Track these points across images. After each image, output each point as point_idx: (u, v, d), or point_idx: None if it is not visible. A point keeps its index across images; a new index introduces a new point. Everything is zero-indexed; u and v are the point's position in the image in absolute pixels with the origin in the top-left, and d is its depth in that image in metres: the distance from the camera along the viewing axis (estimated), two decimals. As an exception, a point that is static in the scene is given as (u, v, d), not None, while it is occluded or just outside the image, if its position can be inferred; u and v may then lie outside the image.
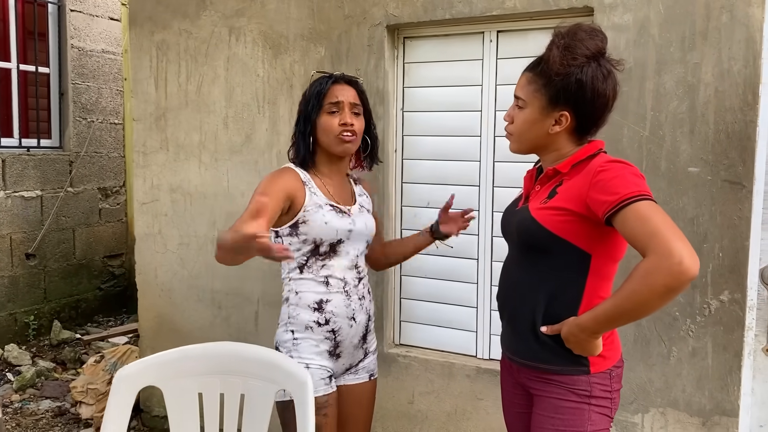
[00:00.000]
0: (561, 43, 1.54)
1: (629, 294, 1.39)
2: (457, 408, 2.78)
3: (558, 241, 1.56)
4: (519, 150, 1.71)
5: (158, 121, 3.39)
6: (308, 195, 1.87)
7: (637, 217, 1.38)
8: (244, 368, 1.71)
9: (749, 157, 2.20)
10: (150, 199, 3.46)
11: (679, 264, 1.30)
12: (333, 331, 1.89)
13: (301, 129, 1.93)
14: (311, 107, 1.91)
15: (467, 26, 2.69)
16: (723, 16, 2.21)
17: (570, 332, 1.54)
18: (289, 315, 1.89)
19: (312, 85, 1.96)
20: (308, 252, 1.88)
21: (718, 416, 2.33)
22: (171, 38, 3.31)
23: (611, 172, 1.47)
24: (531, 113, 1.61)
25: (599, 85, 1.54)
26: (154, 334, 3.54)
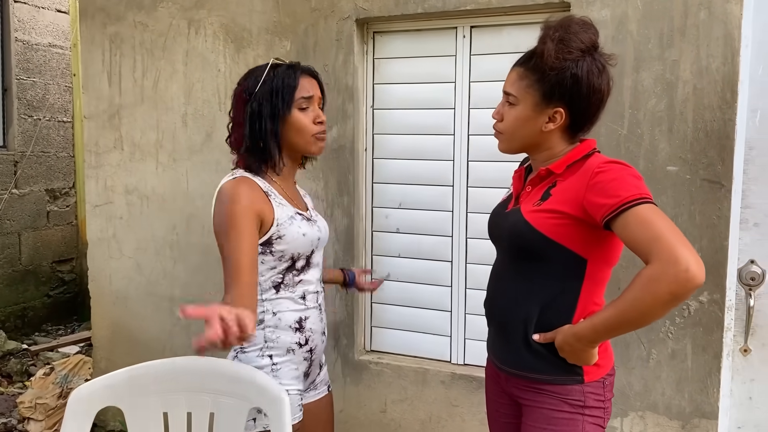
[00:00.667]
0: (555, 36, 1.46)
1: (632, 302, 1.32)
2: (431, 416, 2.69)
3: (553, 245, 1.48)
4: (509, 149, 1.62)
5: (112, 119, 3.20)
6: (276, 207, 1.66)
7: (638, 222, 1.31)
8: (214, 385, 1.58)
9: (728, 155, 2.17)
10: (103, 201, 3.26)
11: (686, 271, 1.24)
12: (311, 350, 1.74)
13: (266, 127, 1.64)
14: (281, 102, 1.65)
15: (440, 21, 2.60)
16: (701, 13, 2.18)
17: (565, 341, 1.47)
18: (266, 338, 1.67)
19: (274, 76, 1.68)
20: (284, 269, 1.69)
21: (698, 419, 2.30)
22: (125, 31, 3.13)
23: (610, 173, 1.40)
24: (523, 110, 1.52)
25: (594, 80, 1.47)
26: (108, 344, 3.34)
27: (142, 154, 3.15)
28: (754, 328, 2.27)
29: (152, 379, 1.60)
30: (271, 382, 1.51)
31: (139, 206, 3.19)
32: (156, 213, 3.15)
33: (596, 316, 1.41)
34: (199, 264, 3.08)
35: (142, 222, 3.19)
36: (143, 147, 3.15)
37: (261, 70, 1.69)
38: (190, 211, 3.08)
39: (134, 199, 3.20)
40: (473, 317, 2.67)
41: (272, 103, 1.65)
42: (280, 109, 1.66)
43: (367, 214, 2.81)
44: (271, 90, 1.65)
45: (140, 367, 1.60)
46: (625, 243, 1.37)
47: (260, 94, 1.65)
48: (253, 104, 1.66)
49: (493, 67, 2.55)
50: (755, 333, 2.28)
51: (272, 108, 1.65)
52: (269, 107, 1.65)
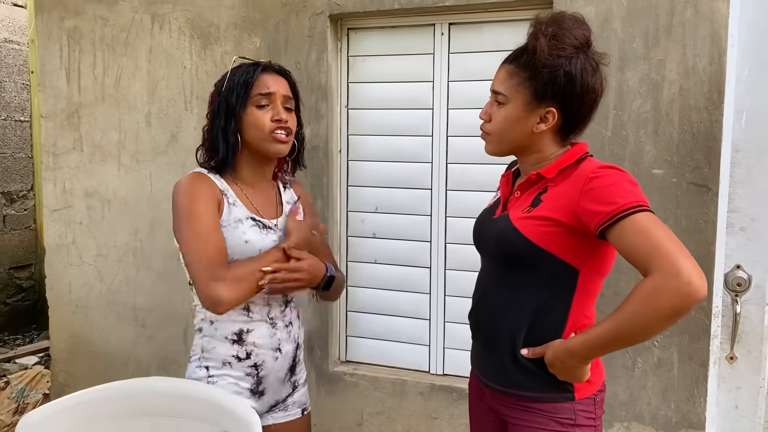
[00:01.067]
0: (548, 32, 1.36)
1: (630, 316, 1.22)
2: (410, 428, 2.58)
3: (543, 254, 1.38)
4: (497, 151, 1.52)
5: (70, 118, 3.03)
6: (226, 208, 1.57)
7: (636, 230, 1.22)
8: (178, 408, 1.45)
9: (715, 158, 2.11)
10: (62, 205, 3.08)
11: (689, 284, 1.15)
12: (255, 365, 1.60)
13: (220, 124, 1.58)
14: (235, 98, 1.58)
15: (417, 17, 2.50)
16: (687, 11, 2.11)
17: (556, 357, 1.37)
18: (202, 348, 1.59)
19: (234, 73, 1.62)
20: None
21: (684, 429, 2.23)
22: (85, 25, 2.96)
23: (605, 179, 1.31)
24: (513, 110, 1.42)
25: (588, 78, 1.38)
26: (68, 355, 3.16)
27: (103, 156, 2.99)
28: (740, 335, 2.21)
29: (109, 402, 1.46)
30: (239, 404, 1.38)
31: (99, 210, 3.02)
32: (118, 217, 2.99)
33: (591, 330, 1.32)
34: (164, 271, 2.93)
35: (103, 227, 3.02)
36: (104, 148, 2.98)
37: (232, 71, 1.64)
38: (154, 216, 2.92)
39: (95, 202, 3.03)
40: (453, 325, 2.57)
41: (228, 101, 1.59)
42: (234, 106, 1.59)
43: (342, 218, 2.69)
44: (230, 87, 1.60)
45: (97, 390, 1.46)
46: (622, 253, 1.28)
47: (224, 92, 1.60)
48: (217, 102, 1.62)
49: (473, 65, 2.46)
50: (741, 340, 2.22)
51: (227, 105, 1.59)
52: (225, 105, 1.59)
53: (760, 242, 2.13)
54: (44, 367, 3.86)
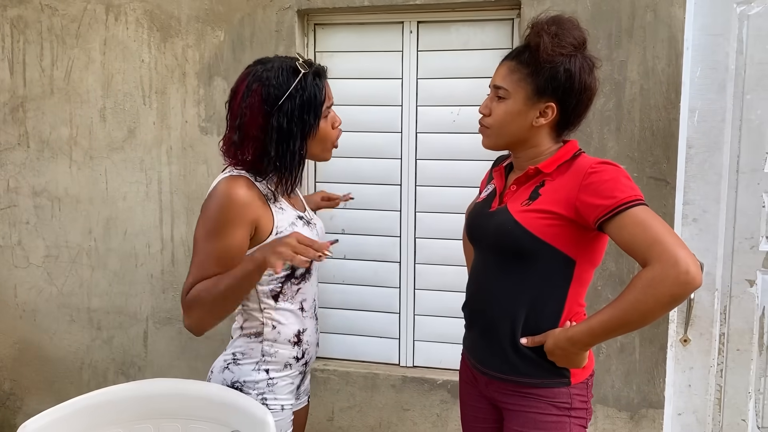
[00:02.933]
0: (551, 30, 1.44)
1: (632, 304, 1.31)
2: (381, 421, 2.62)
3: (543, 245, 1.45)
4: (495, 145, 1.57)
5: (15, 112, 2.86)
6: (276, 213, 1.51)
7: (636, 223, 1.31)
8: (184, 409, 1.42)
9: (673, 154, 2.25)
10: (6, 204, 2.92)
11: (686, 273, 1.25)
12: (306, 363, 1.64)
13: (296, 147, 1.45)
14: (314, 117, 1.46)
15: (386, 15, 2.52)
16: (647, 15, 2.24)
17: (557, 345, 1.44)
18: (264, 352, 1.56)
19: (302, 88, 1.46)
20: (282, 277, 1.55)
21: (645, 408, 2.37)
22: (30, 15, 2.80)
23: (604, 174, 1.39)
24: (514, 104, 1.48)
25: (586, 77, 1.47)
26: (14, 363, 3.00)
27: (52, 152, 2.84)
28: (693, 319, 2.37)
29: (112, 406, 1.41)
30: (254, 404, 1.37)
31: (48, 209, 2.88)
32: (69, 216, 2.86)
33: (593, 318, 1.39)
34: (121, 271, 2.83)
35: (53, 226, 2.88)
36: (53, 144, 2.84)
37: (284, 77, 1.46)
38: (109, 214, 2.81)
39: (43, 201, 2.88)
40: (422, 318, 2.62)
41: (304, 120, 1.46)
42: (312, 126, 1.48)
43: (310, 214, 2.68)
44: (302, 104, 1.45)
45: (99, 394, 1.41)
46: (620, 245, 1.36)
47: (288, 107, 1.44)
48: (280, 119, 1.44)
49: (441, 64, 2.51)
50: (694, 324, 2.38)
51: (304, 125, 1.46)
52: (301, 124, 1.46)
53: (711, 232, 2.30)
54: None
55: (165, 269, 2.78)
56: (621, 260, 2.32)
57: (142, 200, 2.77)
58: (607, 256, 2.32)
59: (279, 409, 1.56)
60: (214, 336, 2.73)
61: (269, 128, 1.44)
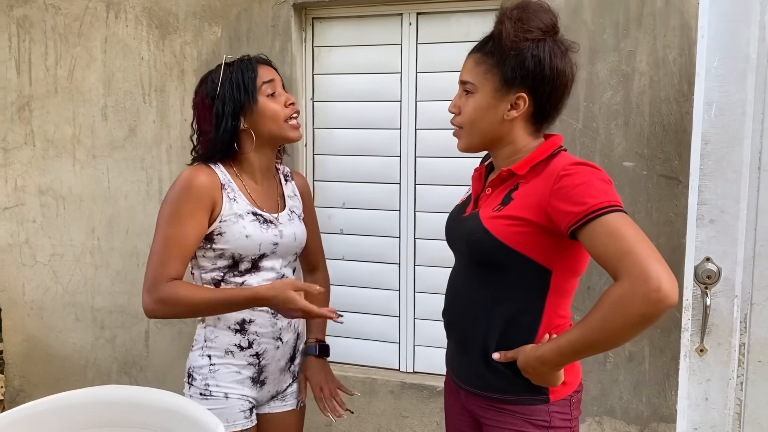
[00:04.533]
0: (513, 15, 1.32)
1: (599, 323, 1.18)
2: (380, 428, 2.53)
3: (514, 255, 1.33)
4: (470, 145, 1.45)
5: (21, 112, 2.88)
6: (226, 202, 1.56)
7: (607, 233, 1.17)
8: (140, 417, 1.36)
9: (685, 150, 2.09)
10: (13, 203, 2.94)
11: (657, 291, 1.10)
12: (257, 354, 1.62)
13: (228, 126, 1.55)
14: (243, 93, 1.55)
15: (384, 7, 2.43)
16: (657, 1, 2.09)
17: (528, 363, 1.33)
18: (205, 337, 1.61)
19: (228, 70, 1.58)
20: (225, 267, 1.59)
21: (656, 423, 2.23)
22: (35, 14, 2.82)
23: (576, 177, 1.26)
24: (482, 98, 1.36)
25: (558, 62, 1.33)
26: (23, 360, 3.03)
27: (57, 151, 2.86)
28: (710, 327, 2.21)
29: (64, 413, 1.37)
30: (203, 413, 1.31)
31: (54, 208, 2.89)
32: (74, 215, 2.86)
33: (561, 337, 1.27)
34: (124, 270, 2.82)
35: (58, 225, 2.89)
36: (58, 143, 2.85)
37: (216, 72, 1.60)
38: (112, 213, 2.81)
39: (49, 200, 2.90)
40: (423, 322, 2.52)
41: (235, 98, 1.54)
42: (244, 102, 1.56)
43: (309, 214, 2.62)
44: (232, 86, 1.55)
45: (49, 400, 1.37)
46: (592, 255, 1.23)
47: (222, 93, 1.55)
48: (218, 106, 1.55)
49: (442, 56, 2.40)
50: (711, 332, 2.22)
51: (235, 103, 1.54)
52: (232, 103, 1.54)
53: (729, 234, 2.13)
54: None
55: (165, 269, 2.75)
56: (629, 264, 2.18)
57: (143, 199, 2.75)
58: (614, 260, 2.19)
59: (222, 397, 1.58)
60: (212, 337, 2.70)
61: (214, 119, 1.56)
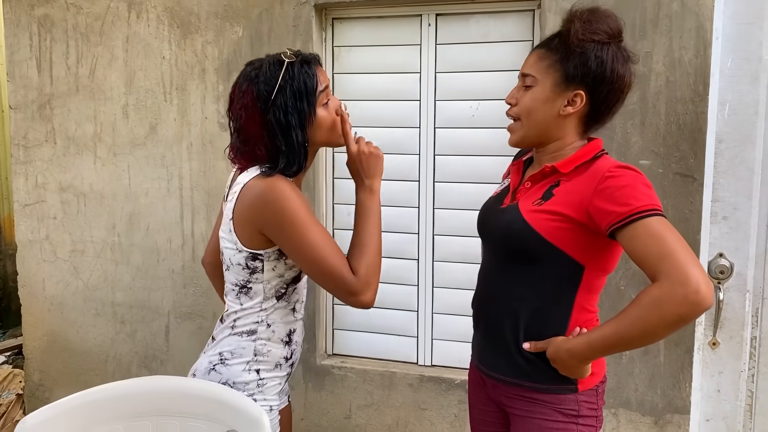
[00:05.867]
0: (583, 17, 1.38)
1: (636, 320, 1.22)
2: (399, 420, 2.59)
3: (550, 248, 1.38)
4: (523, 138, 1.48)
5: (42, 110, 2.92)
6: None
7: (649, 235, 1.21)
8: (182, 407, 1.41)
9: (700, 149, 2.15)
10: (34, 200, 2.98)
11: (696, 293, 1.15)
12: (293, 364, 1.61)
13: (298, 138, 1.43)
14: (307, 105, 1.43)
15: (404, 8, 2.48)
16: (674, 3, 2.14)
17: (558, 355, 1.38)
18: (256, 351, 1.52)
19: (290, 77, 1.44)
20: (291, 279, 1.53)
21: (670, 414, 2.28)
22: (56, 13, 2.85)
23: (621, 179, 1.30)
24: (542, 91, 1.41)
25: (619, 66, 1.38)
26: (43, 354, 3.07)
27: (78, 148, 2.89)
28: (722, 321, 2.27)
29: (110, 403, 1.42)
30: (249, 403, 1.36)
31: (75, 205, 2.93)
32: (94, 212, 2.91)
33: (594, 332, 1.32)
34: (143, 266, 2.86)
35: (78, 222, 2.93)
36: (79, 140, 2.89)
37: (271, 71, 1.45)
38: (132, 210, 2.85)
39: (69, 197, 2.94)
40: (441, 317, 2.57)
41: (299, 109, 1.43)
42: (307, 113, 1.44)
43: (328, 210, 2.66)
44: (294, 95, 1.42)
45: (96, 391, 1.41)
46: (630, 255, 1.27)
47: (282, 101, 1.42)
48: (276, 114, 1.42)
49: (460, 57, 2.45)
50: (723, 326, 2.28)
51: (299, 114, 1.43)
52: (296, 114, 1.43)
53: (742, 231, 2.19)
54: (12, 367, 3.74)
55: (186, 264, 2.80)
56: (645, 259, 2.24)
57: (163, 196, 2.80)
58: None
59: (268, 410, 1.53)
60: (233, 331, 2.75)
61: (268, 125, 1.42)
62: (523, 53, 2.36)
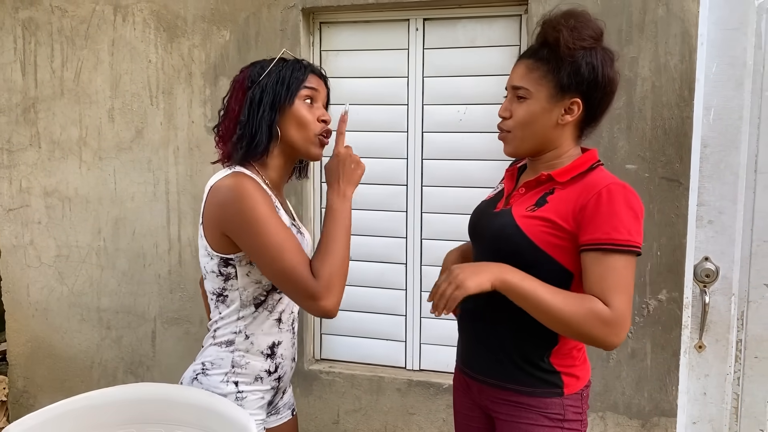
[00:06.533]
0: (569, 24, 1.37)
1: (568, 308, 1.30)
2: (387, 425, 2.58)
3: (541, 254, 1.38)
4: (518, 149, 1.47)
5: (26, 113, 2.89)
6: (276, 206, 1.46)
7: (613, 268, 1.30)
8: (169, 414, 1.40)
9: (686, 153, 2.17)
10: (18, 204, 2.95)
11: (617, 336, 1.29)
12: (279, 378, 1.55)
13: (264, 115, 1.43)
14: (285, 90, 1.44)
15: (391, 12, 2.48)
16: (659, 9, 2.16)
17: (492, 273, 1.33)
18: (233, 363, 1.47)
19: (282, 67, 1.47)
20: (270, 286, 1.47)
21: (657, 417, 2.29)
22: (41, 16, 2.83)
23: (614, 204, 1.32)
24: (537, 103, 1.40)
25: (608, 70, 1.40)
26: (27, 361, 3.04)
27: (63, 152, 2.87)
28: (708, 324, 2.28)
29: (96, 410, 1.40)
30: (236, 410, 1.34)
31: (59, 209, 2.90)
32: (79, 216, 2.88)
33: (534, 282, 1.32)
34: (130, 271, 2.84)
35: (63, 226, 2.90)
36: (64, 144, 2.86)
37: (268, 62, 1.50)
38: (118, 214, 2.83)
39: (54, 201, 2.91)
40: (428, 321, 2.57)
41: (275, 91, 1.44)
42: (282, 98, 1.44)
43: (315, 215, 2.66)
44: (277, 79, 1.44)
45: (82, 399, 1.39)
46: (585, 273, 1.34)
47: (264, 81, 1.45)
48: (255, 91, 1.45)
49: (448, 61, 2.46)
50: (709, 329, 2.29)
51: (274, 95, 1.44)
52: (272, 95, 1.44)
53: (727, 234, 2.20)
54: None
55: (172, 269, 2.78)
56: (640, 266, 2.24)
57: (149, 200, 2.78)
58: (617, 259, 2.25)
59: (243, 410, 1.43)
60: (220, 337, 2.73)
61: (246, 100, 1.44)
62: (510, 58, 2.37)
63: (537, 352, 1.44)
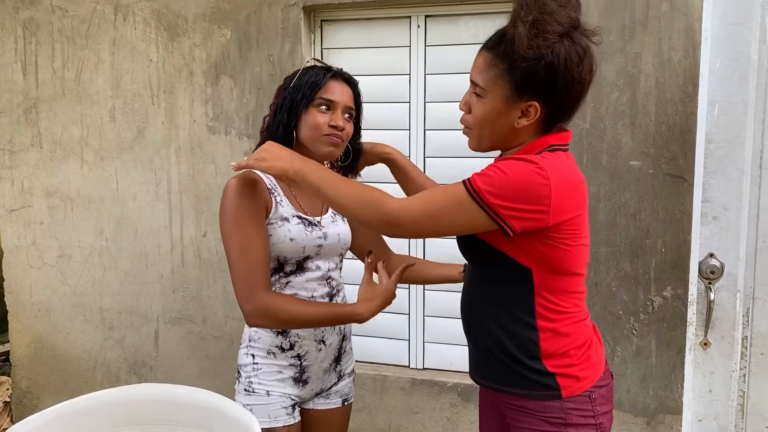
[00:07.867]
0: (528, 19, 1.23)
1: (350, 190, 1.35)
2: (391, 424, 2.57)
3: (496, 253, 1.34)
4: (479, 148, 1.43)
5: (28, 114, 2.89)
6: (274, 206, 1.59)
7: (444, 188, 1.33)
8: (172, 415, 1.39)
9: (690, 149, 2.15)
10: (20, 204, 2.95)
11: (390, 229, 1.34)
12: (299, 356, 1.64)
13: (282, 119, 1.62)
14: (300, 97, 1.60)
15: (392, 9, 2.47)
16: (663, 4, 2.14)
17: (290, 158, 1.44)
18: (250, 337, 1.64)
19: (303, 73, 1.62)
20: (271, 269, 1.61)
21: (662, 414, 2.28)
22: (41, 16, 2.82)
23: (500, 161, 1.30)
24: (492, 104, 1.31)
25: (573, 68, 1.25)
26: (30, 361, 3.04)
27: (65, 153, 2.86)
28: (713, 321, 2.27)
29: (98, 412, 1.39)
30: (239, 410, 1.34)
31: (62, 209, 2.90)
32: (81, 216, 2.87)
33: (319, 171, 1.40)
34: (132, 271, 2.83)
35: (65, 227, 2.90)
36: (65, 144, 2.86)
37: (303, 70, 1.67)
38: (120, 214, 2.82)
39: (56, 201, 2.90)
40: (432, 320, 2.56)
41: (293, 98, 1.61)
42: (298, 105, 1.61)
43: (318, 214, 2.65)
44: (297, 86, 1.62)
45: (85, 400, 1.39)
46: None
47: (289, 89, 1.62)
48: (285, 95, 1.63)
49: (450, 58, 2.44)
50: (714, 326, 2.28)
51: (292, 102, 1.61)
52: (290, 101, 1.61)
53: (732, 231, 2.19)
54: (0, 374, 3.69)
55: (175, 269, 2.77)
56: (636, 260, 2.24)
57: (151, 200, 2.77)
58: (621, 256, 2.24)
59: (264, 394, 1.60)
60: (223, 336, 2.73)
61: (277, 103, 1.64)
62: (512, 54, 2.36)
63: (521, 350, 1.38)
